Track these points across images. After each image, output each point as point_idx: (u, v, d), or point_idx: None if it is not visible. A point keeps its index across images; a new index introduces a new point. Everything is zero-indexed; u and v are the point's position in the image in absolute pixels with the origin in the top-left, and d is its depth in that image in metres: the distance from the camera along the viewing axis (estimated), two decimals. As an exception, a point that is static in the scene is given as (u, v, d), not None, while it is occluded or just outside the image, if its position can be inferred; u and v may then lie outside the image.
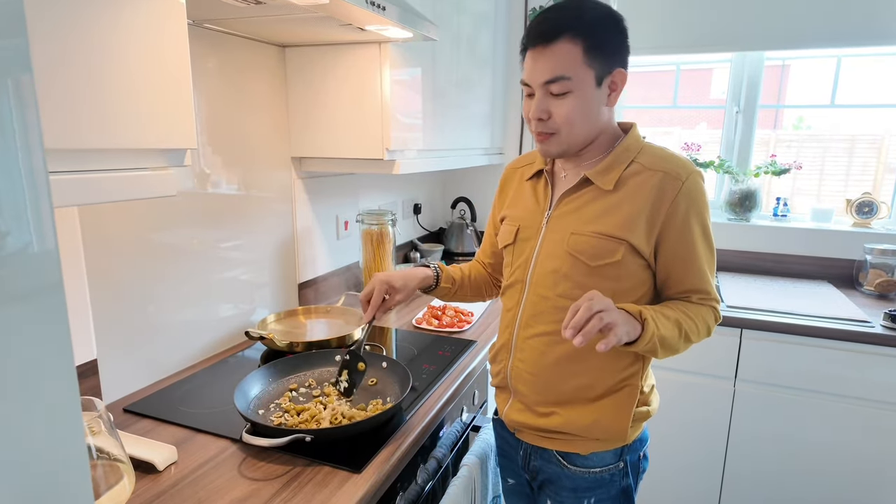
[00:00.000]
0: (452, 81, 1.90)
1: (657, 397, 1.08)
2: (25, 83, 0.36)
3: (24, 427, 0.37)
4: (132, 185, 0.79)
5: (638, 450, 1.05)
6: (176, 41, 0.83)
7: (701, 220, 0.96)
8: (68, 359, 0.40)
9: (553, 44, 0.90)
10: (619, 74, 0.94)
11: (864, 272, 2.09)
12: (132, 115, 0.77)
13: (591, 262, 0.96)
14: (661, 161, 0.96)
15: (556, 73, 0.91)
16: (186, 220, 1.30)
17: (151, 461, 0.90)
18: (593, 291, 0.86)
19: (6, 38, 0.34)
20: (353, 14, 1.11)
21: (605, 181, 0.97)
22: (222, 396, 1.17)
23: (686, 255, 0.96)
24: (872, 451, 1.75)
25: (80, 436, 0.42)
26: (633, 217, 0.94)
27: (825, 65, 2.29)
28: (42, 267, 0.37)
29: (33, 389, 0.38)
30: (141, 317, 1.21)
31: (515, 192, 1.13)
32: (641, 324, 0.89)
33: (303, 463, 0.93)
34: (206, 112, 1.32)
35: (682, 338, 0.95)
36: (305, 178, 1.70)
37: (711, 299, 1.00)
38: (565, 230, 0.99)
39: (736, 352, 1.85)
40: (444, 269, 1.23)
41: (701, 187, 0.96)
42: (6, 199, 0.35)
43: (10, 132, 0.35)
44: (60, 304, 0.39)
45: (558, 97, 0.93)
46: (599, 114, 0.96)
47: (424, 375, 1.28)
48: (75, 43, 0.70)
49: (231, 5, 1.05)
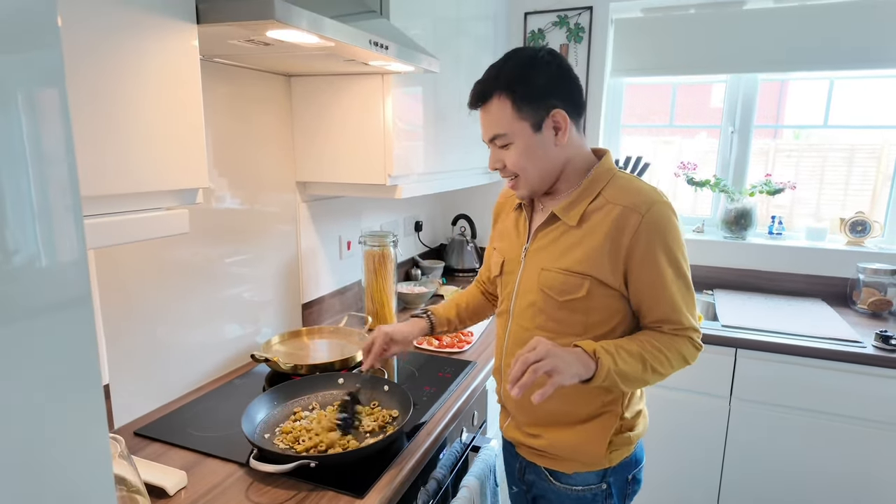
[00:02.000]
0: (453, 104, 1.95)
1: (644, 422, 1.11)
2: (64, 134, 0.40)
3: (50, 449, 0.41)
4: (147, 226, 0.83)
5: (625, 472, 1.08)
6: (190, 85, 0.88)
7: (667, 250, 0.96)
8: (97, 380, 0.44)
9: (486, 104, 0.99)
10: (559, 114, 0.97)
11: (858, 291, 2.12)
12: (149, 159, 0.82)
13: (559, 298, 1.00)
14: (623, 194, 0.97)
15: (493, 132, 1.00)
16: (193, 240, 1.35)
17: (163, 486, 0.94)
18: (535, 340, 0.90)
19: (48, 86, 0.39)
20: (357, 53, 1.15)
21: (569, 217, 1.00)
22: (230, 419, 1.21)
23: (653, 286, 0.97)
24: (866, 468, 1.78)
25: (107, 461, 0.45)
26: (596, 252, 0.96)
27: (821, 83, 2.33)
28: (70, 279, 0.41)
29: (62, 409, 0.42)
30: (151, 339, 1.25)
31: (503, 223, 1.18)
32: (595, 362, 0.91)
33: (307, 488, 0.97)
34: (214, 138, 1.37)
35: (649, 370, 0.96)
36: (309, 200, 1.74)
37: (686, 329, 1.00)
38: (537, 266, 1.03)
39: (731, 370, 1.88)
40: (437, 314, 1.29)
41: (666, 217, 0.96)
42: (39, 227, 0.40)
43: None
44: (89, 320, 0.43)
45: (504, 148, 1.01)
46: (549, 155, 1.00)
47: (425, 398, 1.32)
48: (101, 92, 0.74)
49: (240, 46, 1.10)
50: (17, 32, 0.37)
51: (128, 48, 0.77)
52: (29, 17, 0.38)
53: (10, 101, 0.37)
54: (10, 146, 0.37)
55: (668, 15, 2.35)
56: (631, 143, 2.62)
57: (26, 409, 0.39)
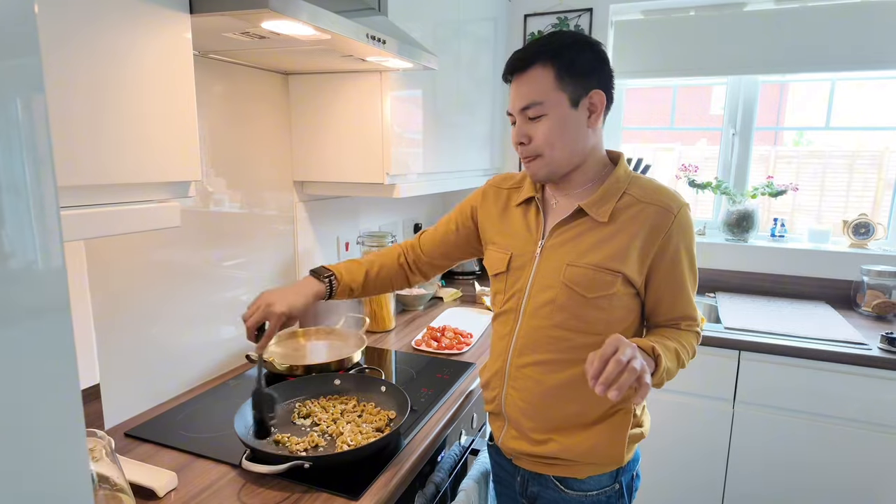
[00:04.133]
0: (452, 104, 1.93)
1: (649, 417, 1.11)
2: (40, 124, 0.38)
3: (26, 453, 0.39)
4: (138, 218, 0.81)
5: (631, 470, 1.08)
6: (182, 75, 0.86)
7: (689, 251, 0.99)
8: (74, 382, 0.42)
9: (526, 72, 0.95)
10: (597, 95, 0.95)
11: (862, 293, 2.10)
12: (140, 150, 0.80)
13: (587, 294, 0.97)
14: (654, 194, 0.98)
15: (529, 100, 0.95)
16: (188, 240, 1.32)
17: (152, 487, 0.92)
18: (615, 337, 0.84)
19: (17, 57, 0.37)
20: (354, 47, 1.14)
21: (599, 213, 0.98)
22: (223, 421, 1.18)
23: (676, 284, 0.99)
24: (871, 472, 1.75)
25: (84, 464, 0.44)
26: (627, 249, 0.96)
27: (822, 85, 2.32)
28: (49, 288, 0.40)
29: (37, 412, 0.40)
30: (144, 340, 1.22)
31: (504, 218, 1.12)
32: (655, 359, 0.91)
33: (301, 489, 0.94)
34: (210, 137, 1.35)
35: (679, 365, 0.99)
36: (307, 200, 1.72)
37: (697, 324, 1.04)
38: (560, 261, 1.00)
39: (734, 373, 1.86)
40: (342, 278, 1.18)
41: (690, 219, 0.99)
42: (19, 226, 0.37)
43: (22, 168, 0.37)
44: (66, 326, 0.41)
45: (535, 121, 0.96)
46: (580, 135, 0.97)
47: (423, 399, 1.29)
48: (91, 79, 0.72)
49: (235, 39, 1.09)
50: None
51: (118, 35, 0.75)
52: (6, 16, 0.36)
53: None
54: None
55: (668, 17, 2.34)
56: (631, 150, 2.61)
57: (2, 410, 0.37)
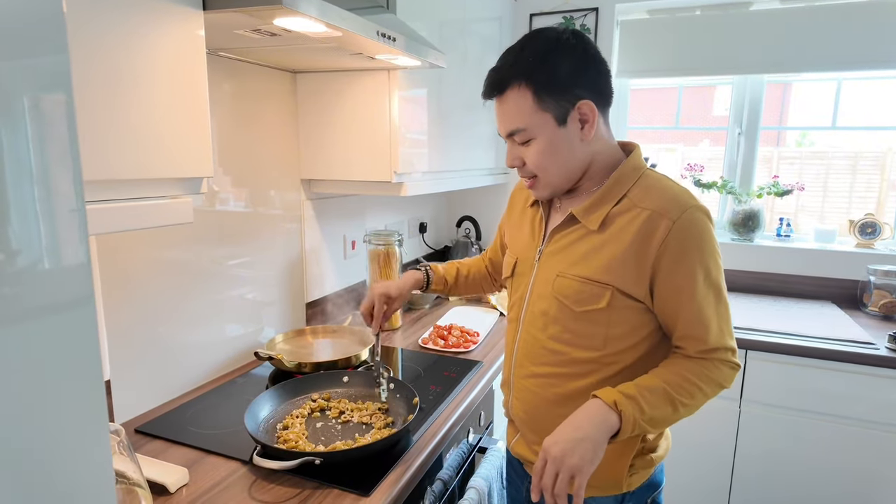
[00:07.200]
0: (459, 103, 1.94)
1: (666, 444, 1.02)
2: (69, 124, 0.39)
3: (50, 448, 0.39)
4: (150, 214, 0.82)
5: (644, 496, 0.99)
6: (195, 71, 0.86)
7: (700, 260, 0.85)
8: (98, 376, 0.43)
9: (503, 95, 0.89)
10: (586, 105, 0.87)
11: (869, 293, 2.09)
12: (153, 145, 0.80)
13: (575, 308, 0.91)
14: (652, 197, 0.88)
15: (512, 126, 0.90)
16: (196, 239, 1.33)
17: (164, 483, 0.92)
18: (547, 440, 0.81)
19: (47, 55, 0.38)
20: (364, 45, 1.14)
21: (590, 220, 0.91)
22: (232, 417, 1.18)
23: (678, 298, 0.87)
24: (879, 472, 1.74)
25: (107, 460, 0.44)
26: (619, 260, 0.87)
27: (827, 85, 2.32)
28: (76, 282, 0.41)
29: (65, 404, 0.40)
30: (153, 337, 1.23)
31: (520, 219, 1.09)
32: (618, 414, 0.82)
33: (312, 486, 0.95)
34: (218, 135, 1.36)
35: (679, 406, 0.86)
36: (314, 199, 1.73)
37: (713, 350, 0.88)
38: (552, 271, 0.95)
39: (741, 373, 1.85)
40: (436, 271, 1.28)
41: (700, 224, 0.85)
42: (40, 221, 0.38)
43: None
44: (91, 319, 0.42)
45: (525, 145, 0.91)
46: (574, 153, 0.90)
47: (431, 397, 1.29)
48: (108, 77, 0.73)
49: (246, 36, 1.09)
50: (20, 28, 0.36)
51: (132, 31, 0.76)
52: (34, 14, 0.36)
53: (15, 104, 0.36)
54: (15, 151, 0.36)
55: (673, 16, 2.34)
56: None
57: (27, 408, 0.38)
